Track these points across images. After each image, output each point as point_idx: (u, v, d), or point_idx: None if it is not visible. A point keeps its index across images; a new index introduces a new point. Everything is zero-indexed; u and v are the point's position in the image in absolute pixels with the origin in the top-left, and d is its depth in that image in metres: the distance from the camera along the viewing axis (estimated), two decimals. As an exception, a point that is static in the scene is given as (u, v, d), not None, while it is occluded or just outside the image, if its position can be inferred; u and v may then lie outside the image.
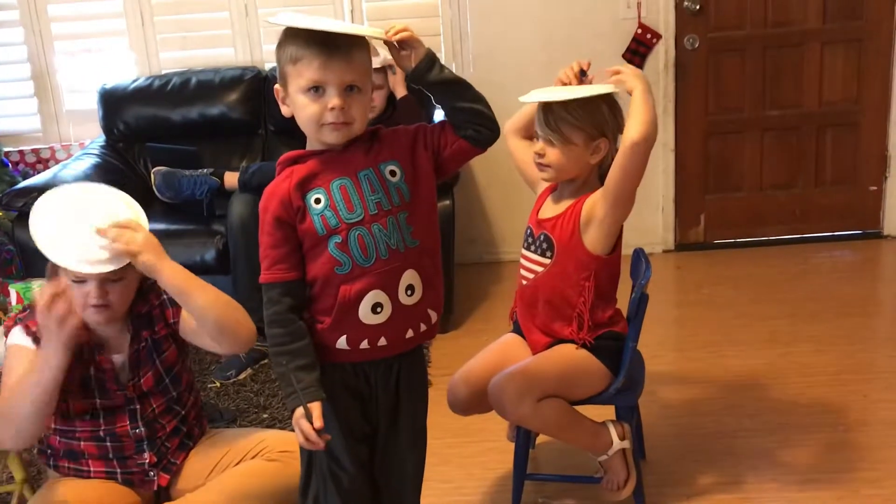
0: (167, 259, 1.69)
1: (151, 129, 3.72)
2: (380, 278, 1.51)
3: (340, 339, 1.56)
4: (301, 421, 1.49)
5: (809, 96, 3.93)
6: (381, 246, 1.50)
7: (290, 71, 1.46)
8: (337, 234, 1.50)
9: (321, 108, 1.45)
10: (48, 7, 3.93)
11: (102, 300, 1.69)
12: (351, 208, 1.50)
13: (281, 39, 1.50)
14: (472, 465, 2.36)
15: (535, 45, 3.86)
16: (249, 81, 3.74)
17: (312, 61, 1.43)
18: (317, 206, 1.50)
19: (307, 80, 1.44)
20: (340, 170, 1.51)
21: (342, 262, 1.50)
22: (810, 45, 3.87)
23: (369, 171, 1.51)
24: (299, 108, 1.48)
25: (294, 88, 1.47)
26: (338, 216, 1.49)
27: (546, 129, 1.95)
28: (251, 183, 3.12)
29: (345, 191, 1.50)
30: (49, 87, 4.03)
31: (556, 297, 2.00)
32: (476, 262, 4.00)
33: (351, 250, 1.50)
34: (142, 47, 3.95)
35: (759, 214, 4.04)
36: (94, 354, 1.77)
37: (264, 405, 2.75)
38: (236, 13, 3.91)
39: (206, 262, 3.09)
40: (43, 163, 4.03)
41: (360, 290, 1.51)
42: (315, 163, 1.52)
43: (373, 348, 1.57)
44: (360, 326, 1.54)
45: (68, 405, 1.75)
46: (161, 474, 1.83)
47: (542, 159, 1.98)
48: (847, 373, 2.77)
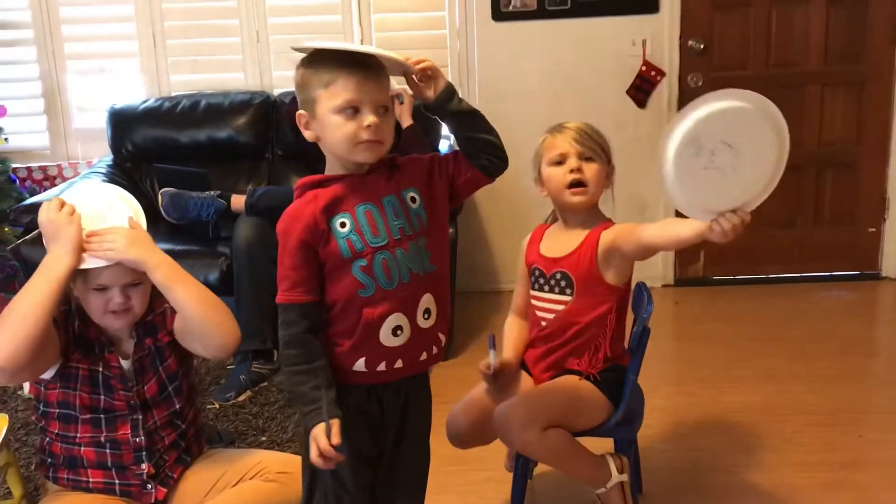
0: (156, 252, 1.74)
1: (159, 150, 3.75)
2: (401, 302, 1.54)
3: (358, 362, 1.58)
4: (320, 437, 1.49)
5: (810, 137, 3.98)
6: (404, 270, 1.54)
7: (322, 94, 1.48)
8: (362, 258, 1.52)
9: (356, 126, 1.47)
10: (62, 27, 3.98)
11: (126, 304, 1.74)
12: (376, 233, 1.52)
13: (305, 66, 1.52)
14: (470, 493, 2.37)
15: (540, 78, 3.92)
16: (258, 106, 3.79)
17: (349, 82, 1.46)
18: (342, 230, 1.52)
19: (343, 101, 1.47)
20: (365, 195, 1.53)
21: (366, 284, 1.53)
22: (811, 86, 3.93)
23: (392, 197, 1.55)
24: (333, 127, 1.49)
25: (326, 110, 1.48)
26: (363, 240, 1.52)
27: (583, 143, 2.00)
28: (258, 206, 3.15)
29: (370, 216, 1.53)
30: (59, 105, 4.08)
31: (578, 334, 2.01)
32: (476, 290, 4.03)
33: (375, 274, 1.52)
34: (152, 69, 4.01)
35: (759, 252, 4.07)
36: (104, 352, 1.79)
37: (263, 427, 2.75)
38: (247, 39, 3.97)
39: (210, 283, 3.10)
40: (50, 180, 4.06)
41: (383, 314, 1.54)
42: (339, 187, 1.54)
43: (389, 371, 1.59)
44: (380, 349, 1.56)
45: (76, 397, 1.77)
46: (158, 487, 1.84)
47: (580, 175, 1.98)
48: (844, 412, 2.78)
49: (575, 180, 1.99)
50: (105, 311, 1.74)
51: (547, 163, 2.04)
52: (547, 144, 2.06)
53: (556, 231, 2.09)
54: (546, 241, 2.10)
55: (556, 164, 2.02)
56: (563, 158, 2.01)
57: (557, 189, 2.02)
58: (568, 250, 2.02)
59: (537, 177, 2.08)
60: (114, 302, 1.73)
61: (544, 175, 2.05)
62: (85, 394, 1.78)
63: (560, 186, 2.01)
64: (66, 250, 1.68)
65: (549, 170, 2.03)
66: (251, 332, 2.95)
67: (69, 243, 1.69)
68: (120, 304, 1.73)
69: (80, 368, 1.77)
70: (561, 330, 2.04)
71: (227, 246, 3.20)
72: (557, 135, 2.04)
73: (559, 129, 2.05)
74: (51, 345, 1.71)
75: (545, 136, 2.07)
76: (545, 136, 2.07)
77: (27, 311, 1.63)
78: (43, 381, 1.79)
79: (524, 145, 2.12)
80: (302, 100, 1.54)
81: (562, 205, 2.05)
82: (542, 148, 2.07)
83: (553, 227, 2.11)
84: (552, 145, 2.04)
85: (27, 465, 2.49)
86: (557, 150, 2.02)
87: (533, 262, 2.10)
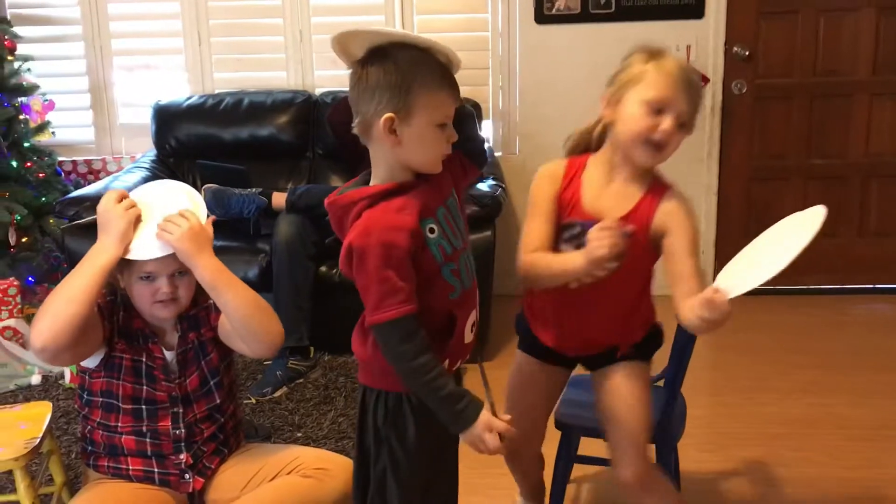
0: (206, 253, 1.75)
1: (202, 147, 3.80)
2: (473, 299, 1.58)
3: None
4: (495, 421, 1.47)
5: (855, 147, 3.92)
6: (472, 268, 1.57)
7: (425, 101, 1.42)
8: (452, 262, 1.51)
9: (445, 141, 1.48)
10: (110, 23, 4.05)
11: (173, 294, 1.77)
12: (456, 235, 1.53)
13: (409, 66, 1.41)
14: (502, 497, 2.35)
15: (582, 82, 3.89)
16: (300, 105, 3.82)
17: (447, 99, 1.45)
18: (432, 236, 1.49)
19: (443, 116, 1.45)
20: (437, 198, 1.52)
21: (455, 287, 1.52)
22: (858, 96, 3.87)
23: (451, 199, 1.55)
24: (428, 140, 1.46)
25: (425, 122, 1.44)
26: (452, 244, 1.52)
27: (690, 103, 1.65)
28: (299, 204, 3.17)
29: (447, 219, 1.52)
30: (105, 100, 4.14)
31: (618, 304, 1.78)
32: (511, 294, 4.00)
33: (461, 275, 1.53)
34: (197, 66, 4.06)
35: (800, 262, 3.96)
36: (149, 342, 1.82)
37: (299, 424, 2.77)
38: (291, 38, 4.00)
39: (250, 280, 3.13)
40: (94, 174, 4.13)
41: (466, 312, 1.55)
42: (419, 193, 1.49)
43: (450, 369, 1.57)
44: (462, 348, 1.57)
45: (119, 386, 1.80)
46: (196, 477, 1.86)
47: (666, 137, 1.64)
48: (887, 428, 2.73)
49: (662, 141, 1.65)
50: (152, 300, 1.77)
51: (639, 99, 1.65)
52: (650, 79, 1.65)
53: (598, 178, 1.74)
54: (588, 191, 1.74)
55: (649, 109, 1.64)
56: (663, 108, 1.63)
57: (634, 136, 1.65)
58: (619, 211, 1.69)
59: (612, 97, 1.70)
60: (161, 291, 1.76)
61: (626, 107, 1.67)
62: (128, 384, 1.80)
63: (639, 135, 1.65)
64: (112, 241, 1.72)
65: (637, 108, 1.65)
66: (289, 329, 2.95)
67: (117, 235, 1.72)
68: (167, 293, 1.76)
69: (125, 358, 1.80)
70: (600, 298, 1.73)
71: (266, 243, 3.23)
72: (664, 74, 1.64)
73: (665, 62, 1.66)
74: (93, 331, 1.74)
75: (648, 63, 1.66)
76: (648, 65, 1.66)
77: (71, 296, 1.66)
78: (88, 369, 1.82)
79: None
80: (398, 103, 1.42)
81: (626, 153, 1.69)
82: (641, 76, 1.66)
83: (592, 173, 1.74)
84: (655, 83, 1.64)
85: (67, 453, 2.53)
86: (661, 93, 1.63)
87: (572, 214, 1.73)
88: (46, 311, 1.67)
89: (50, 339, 1.64)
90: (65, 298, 1.67)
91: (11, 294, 3.26)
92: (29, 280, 3.66)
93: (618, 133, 1.70)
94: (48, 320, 1.65)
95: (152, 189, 1.88)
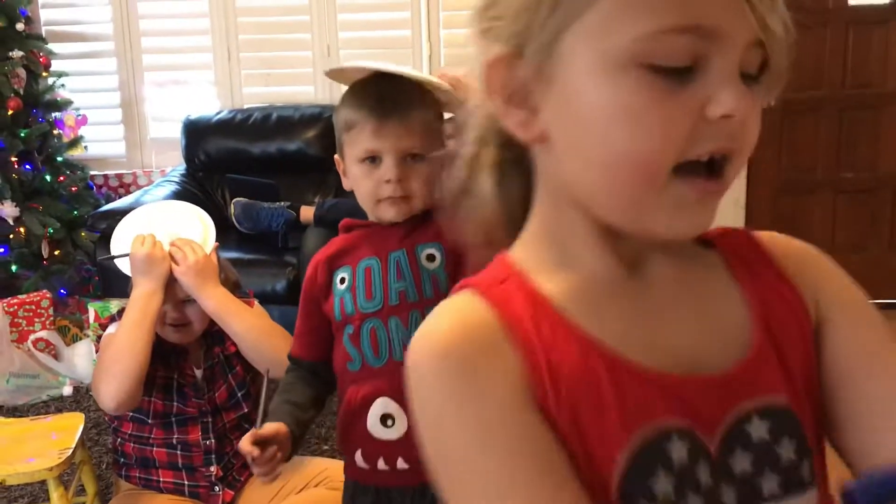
0: (210, 284, 1.78)
1: (231, 161, 3.84)
2: (391, 384, 1.23)
3: (357, 454, 1.31)
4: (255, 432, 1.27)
5: (886, 160, 3.87)
6: (397, 345, 1.25)
7: (347, 137, 1.28)
8: (350, 324, 1.28)
9: (377, 180, 1.26)
10: (142, 40, 4.11)
11: (181, 320, 1.80)
12: (370, 295, 1.27)
13: (340, 102, 1.32)
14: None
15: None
16: (327, 120, 3.84)
17: (367, 126, 1.24)
18: (340, 287, 1.30)
19: (363, 151, 1.25)
20: (374, 248, 1.29)
21: (353, 357, 1.28)
22: (889, 108, 3.83)
23: (401, 253, 1.27)
24: (354, 178, 1.30)
25: (350, 157, 1.29)
26: (354, 303, 1.28)
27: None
28: (327, 218, 3.20)
29: (369, 274, 1.28)
30: (136, 115, 4.20)
31: None
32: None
33: (362, 345, 1.27)
34: (226, 82, 4.11)
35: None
36: (180, 361, 1.85)
37: (325, 437, 2.78)
38: (318, 53, 4.04)
39: (277, 292, 3.15)
40: (125, 187, 4.19)
41: (367, 396, 1.26)
42: (356, 235, 1.32)
43: (392, 471, 1.27)
44: (371, 441, 1.27)
45: (150, 403, 1.82)
46: (226, 490, 1.87)
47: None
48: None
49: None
50: (163, 323, 1.81)
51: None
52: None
53: (607, 286, 0.67)
54: (603, 319, 0.65)
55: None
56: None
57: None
58: (717, 347, 0.64)
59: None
60: (168, 316, 1.81)
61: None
62: (159, 401, 1.83)
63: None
64: (158, 285, 1.76)
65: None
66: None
67: (161, 279, 1.76)
68: (175, 318, 1.81)
69: (157, 377, 1.82)
70: None
71: (294, 256, 3.25)
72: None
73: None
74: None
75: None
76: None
77: (136, 351, 1.69)
78: None
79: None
80: (337, 142, 1.33)
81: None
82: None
83: (588, 280, 0.67)
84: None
85: (98, 463, 2.56)
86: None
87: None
88: (113, 373, 1.68)
89: (125, 399, 1.68)
90: (130, 355, 1.69)
91: (44, 306, 3.31)
92: (61, 292, 3.72)
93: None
94: (119, 381, 1.67)
95: (159, 210, 1.92)
